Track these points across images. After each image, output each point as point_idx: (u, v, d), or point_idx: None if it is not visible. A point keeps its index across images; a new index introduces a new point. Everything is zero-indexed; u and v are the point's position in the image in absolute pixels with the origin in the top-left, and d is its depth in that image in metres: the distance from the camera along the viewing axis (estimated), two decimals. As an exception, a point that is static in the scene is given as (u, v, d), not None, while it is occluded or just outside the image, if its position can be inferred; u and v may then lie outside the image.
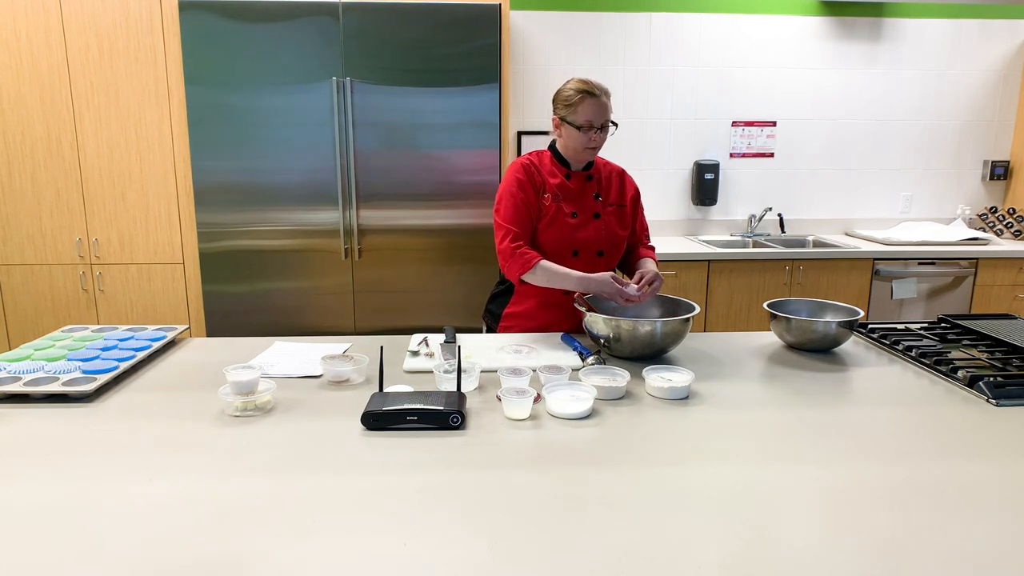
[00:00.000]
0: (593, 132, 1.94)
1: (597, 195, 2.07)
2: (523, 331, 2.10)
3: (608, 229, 2.06)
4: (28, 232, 3.38)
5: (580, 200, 2.05)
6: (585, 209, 2.05)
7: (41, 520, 1.00)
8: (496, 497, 1.07)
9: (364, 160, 3.25)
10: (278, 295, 3.37)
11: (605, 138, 1.98)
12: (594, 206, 2.06)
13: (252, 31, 3.11)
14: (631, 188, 2.15)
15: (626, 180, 2.15)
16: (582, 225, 2.04)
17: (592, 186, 2.07)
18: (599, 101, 1.92)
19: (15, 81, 3.24)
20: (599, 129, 1.95)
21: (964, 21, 4.02)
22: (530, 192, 2.01)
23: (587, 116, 1.92)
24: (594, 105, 1.92)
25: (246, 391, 1.42)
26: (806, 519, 1.01)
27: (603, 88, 1.95)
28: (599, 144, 1.98)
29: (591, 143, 1.96)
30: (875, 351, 1.88)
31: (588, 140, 1.95)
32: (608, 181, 2.11)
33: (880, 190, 4.20)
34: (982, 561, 0.90)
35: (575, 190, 2.05)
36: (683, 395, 1.51)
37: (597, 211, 2.06)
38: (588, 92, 1.92)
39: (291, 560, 0.90)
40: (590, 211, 2.05)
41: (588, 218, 2.05)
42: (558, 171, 2.05)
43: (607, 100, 1.95)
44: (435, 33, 3.15)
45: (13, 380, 1.53)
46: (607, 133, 1.98)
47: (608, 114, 1.95)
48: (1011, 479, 1.14)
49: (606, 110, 1.94)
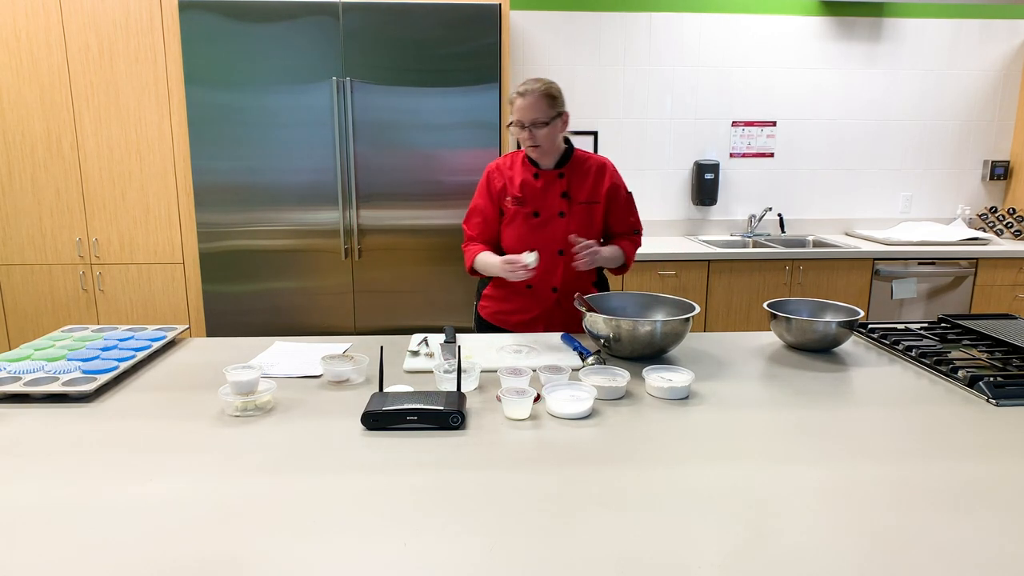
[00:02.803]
0: (528, 130, 1.96)
1: (564, 193, 2.06)
2: (497, 312, 2.22)
3: (573, 227, 2.07)
4: (28, 232, 3.38)
5: (545, 199, 2.07)
6: (550, 208, 2.07)
7: (41, 520, 1.00)
8: (496, 497, 1.07)
9: (364, 160, 3.25)
10: (278, 295, 3.37)
11: (545, 135, 1.98)
12: (559, 205, 2.07)
13: (252, 31, 3.11)
14: (608, 182, 2.10)
15: (604, 174, 2.10)
16: (543, 224, 2.08)
17: (562, 184, 2.07)
18: (525, 100, 1.94)
19: (15, 81, 3.24)
20: (532, 127, 1.95)
21: (964, 21, 4.02)
22: (486, 198, 2.13)
23: (517, 115, 1.97)
24: (520, 104, 1.95)
25: (246, 391, 1.42)
26: (806, 519, 1.01)
27: (538, 88, 1.94)
28: (537, 142, 1.98)
29: (528, 141, 1.98)
30: (875, 351, 1.88)
31: (525, 138, 1.98)
32: (583, 178, 2.09)
33: (880, 190, 4.20)
34: (982, 561, 0.90)
35: (541, 189, 2.07)
36: (683, 395, 1.51)
37: (563, 210, 2.07)
38: (518, 92, 1.96)
39: (291, 560, 0.90)
40: (555, 210, 2.07)
41: (552, 217, 2.07)
42: (528, 170, 2.09)
43: (537, 99, 1.94)
44: (435, 33, 3.15)
45: (13, 380, 1.53)
46: (547, 130, 1.97)
47: (535, 112, 1.94)
48: (1011, 479, 1.14)
49: (532, 109, 1.94)
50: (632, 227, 2.20)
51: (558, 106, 1.99)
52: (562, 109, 2.01)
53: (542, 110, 1.95)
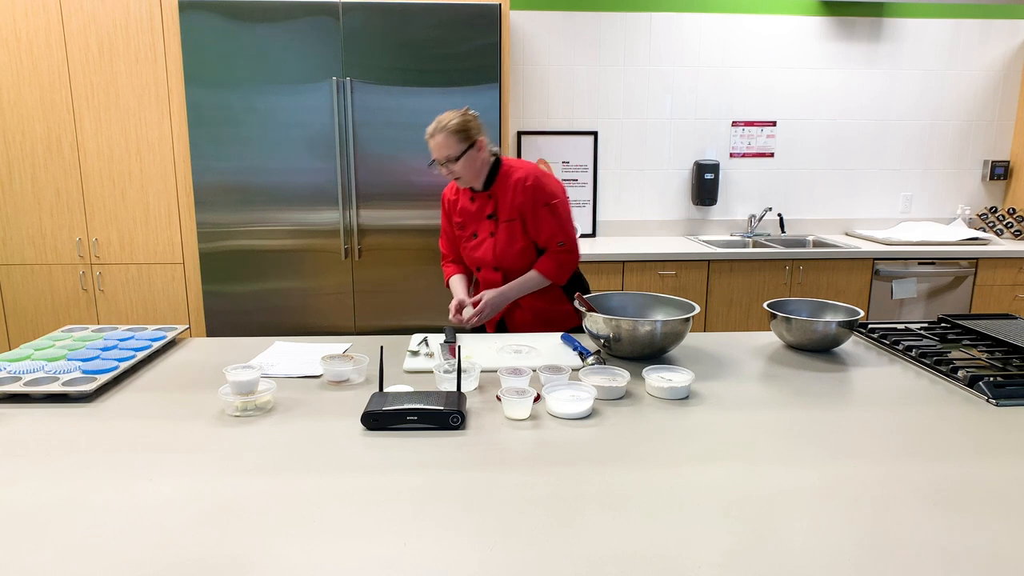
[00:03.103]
0: (443, 167, 2.06)
1: (491, 215, 2.14)
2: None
3: (499, 246, 2.14)
4: (28, 232, 3.38)
5: (478, 220, 2.18)
6: (483, 229, 2.17)
7: (41, 520, 1.00)
8: (496, 497, 1.07)
9: (364, 160, 3.25)
10: (278, 295, 3.37)
11: (461, 168, 2.04)
12: (489, 225, 2.15)
13: (252, 31, 3.11)
14: (520, 198, 2.07)
15: (519, 189, 2.07)
16: (479, 244, 2.18)
17: (490, 205, 2.14)
18: (435, 140, 2.03)
19: (15, 81, 3.24)
20: (447, 163, 2.04)
21: (964, 21, 4.02)
22: (445, 220, 2.29)
23: (433, 155, 2.07)
24: (432, 145, 2.05)
25: (246, 391, 1.42)
26: (805, 519, 1.01)
27: (445, 125, 2.01)
28: (458, 174, 2.06)
29: (447, 176, 2.08)
30: (875, 351, 1.88)
31: (446, 173, 2.07)
32: (506, 194, 2.10)
33: (880, 190, 4.20)
34: (982, 561, 0.90)
35: (476, 210, 2.17)
36: (683, 395, 1.51)
37: (492, 230, 2.15)
38: (428, 134, 2.04)
39: (291, 560, 0.90)
40: (487, 231, 2.16)
41: (485, 237, 2.17)
42: (466, 194, 2.20)
43: (446, 136, 2.00)
44: (435, 33, 3.15)
45: (13, 380, 1.53)
46: (461, 163, 2.03)
47: (445, 151, 2.01)
48: (1011, 479, 1.14)
49: (443, 147, 2.01)
50: (556, 240, 2.12)
51: (469, 137, 2.03)
52: (474, 138, 2.04)
53: (452, 146, 2.01)
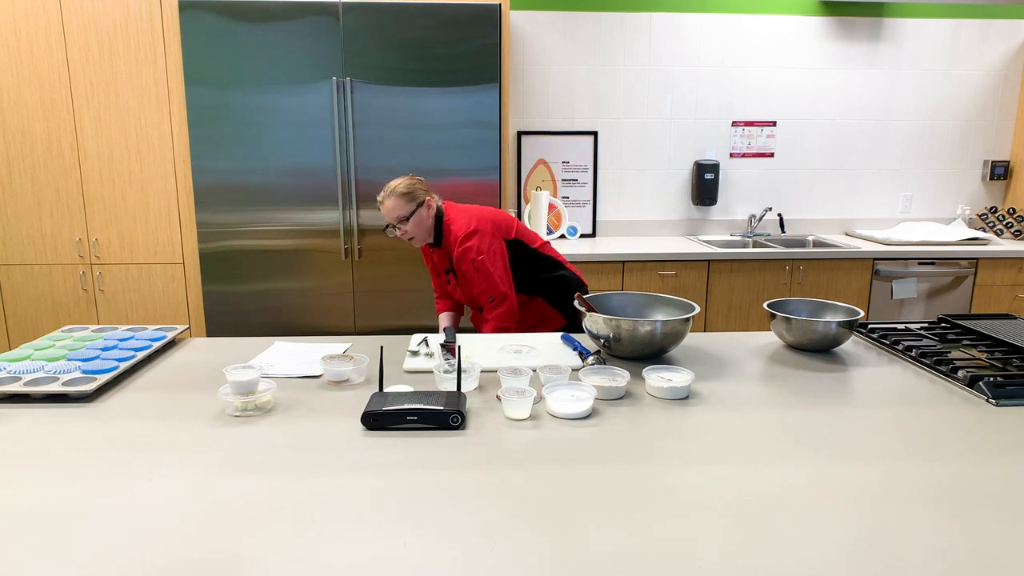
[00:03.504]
0: (396, 229, 2.21)
1: (448, 269, 2.35)
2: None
3: (463, 292, 2.34)
4: (28, 232, 3.38)
5: (442, 271, 2.40)
6: (449, 277, 2.37)
7: (41, 520, 1.00)
8: (496, 497, 1.07)
9: (364, 160, 3.25)
10: (278, 295, 3.37)
11: (412, 227, 2.20)
12: (450, 276, 2.36)
13: (252, 31, 3.11)
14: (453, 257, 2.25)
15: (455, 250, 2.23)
16: (454, 290, 2.38)
17: (445, 259, 2.34)
18: (385, 206, 2.19)
19: (15, 81, 3.24)
20: (399, 225, 2.20)
21: (964, 21, 4.02)
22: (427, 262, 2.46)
23: (385, 219, 2.23)
24: (383, 211, 2.21)
25: (246, 391, 1.42)
26: (806, 519, 1.01)
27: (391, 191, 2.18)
28: (408, 236, 2.22)
29: (401, 237, 2.24)
30: (875, 351, 1.88)
31: (399, 235, 2.23)
32: (447, 251, 2.29)
33: (880, 190, 4.20)
34: (982, 561, 0.90)
35: (438, 262, 2.39)
36: (683, 395, 1.51)
37: (450, 279, 2.36)
38: (379, 201, 2.20)
39: (291, 560, 0.90)
40: (451, 279, 2.36)
41: (455, 284, 2.36)
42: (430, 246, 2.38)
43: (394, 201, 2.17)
44: (435, 33, 3.15)
45: (13, 380, 1.53)
46: (411, 223, 2.20)
47: (395, 212, 2.18)
48: (1011, 479, 1.14)
49: (393, 210, 2.18)
50: (488, 296, 2.25)
51: (416, 199, 2.19)
52: (422, 199, 2.21)
53: (400, 207, 2.18)
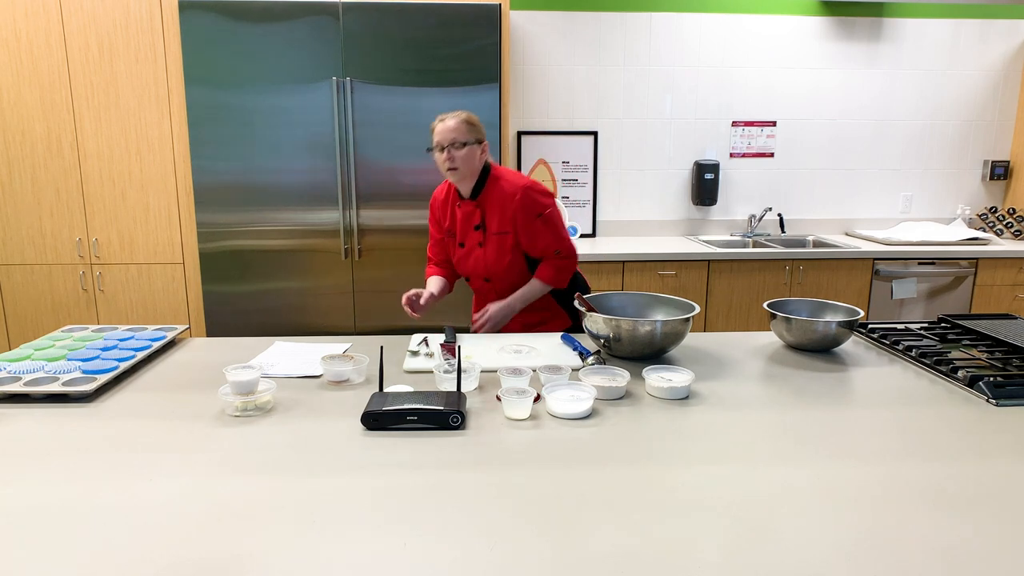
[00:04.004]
0: (447, 151, 2.06)
1: (477, 226, 2.15)
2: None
3: (489, 258, 2.16)
4: (28, 232, 3.38)
5: (465, 230, 2.19)
6: (470, 239, 2.18)
7: (41, 520, 1.00)
8: (496, 497, 1.07)
9: (364, 160, 3.25)
10: (278, 295, 3.37)
11: (463, 157, 2.05)
12: (477, 236, 2.17)
13: (252, 31, 3.11)
14: (511, 212, 2.08)
15: (511, 204, 2.08)
16: (467, 254, 2.20)
17: (477, 216, 2.15)
18: (445, 123, 2.06)
19: (15, 81, 3.24)
20: (451, 147, 2.05)
21: (964, 21, 4.02)
22: (434, 225, 2.30)
23: (437, 138, 2.07)
24: (441, 128, 2.07)
25: (246, 391, 1.42)
26: (805, 519, 1.01)
27: (456, 114, 2.07)
28: (455, 164, 2.06)
29: (447, 163, 2.06)
30: (875, 351, 1.88)
31: (444, 159, 2.06)
32: (495, 207, 2.11)
33: (880, 190, 4.20)
34: (982, 561, 0.90)
35: (463, 219, 2.18)
36: (683, 395, 1.51)
37: (480, 240, 2.17)
38: (439, 118, 2.08)
39: (291, 560, 0.90)
40: (475, 241, 2.18)
41: (473, 247, 2.18)
42: (454, 201, 2.20)
43: (458, 123, 2.05)
44: (435, 33, 3.15)
45: (13, 380, 1.53)
46: (465, 152, 2.05)
47: (454, 134, 2.04)
48: (1011, 479, 1.14)
49: (452, 130, 2.04)
50: (553, 249, 2.14)
51: (478, 132, 2.08)
52: (482, 138, 2.10)
53: (462, 132, 2.05)
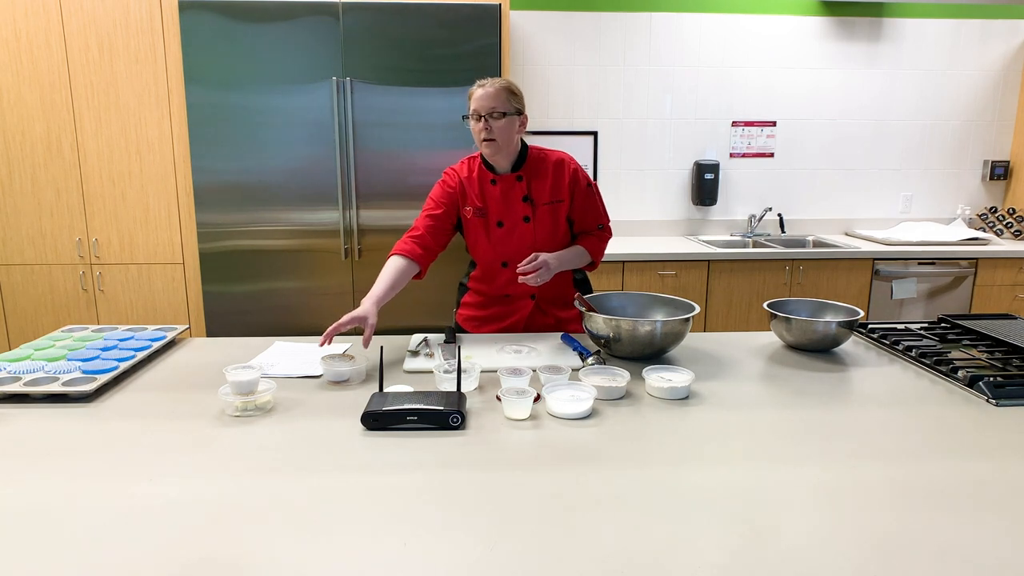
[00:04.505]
0: (482, 121, 1.91)
1: (526, 197, 2.00)
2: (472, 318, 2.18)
3: (541, 231, 2.01)
4: (28, 232, 3.38)
5: (507, 205, 2.01)
6: (513, 215, 2.01)
7: (41, 520, 1.00)
8: (496, 497, 1.07)
9: (364, 160, 3.25)
10: (278, 295, 3.37)
11: (502, 127, 1.92)
12: (523, 209, 2.00)
13: (252, 31, 3.11)
14: (569, 177, 2.01)
15: (565, 170, 2.01)
16: (509, 233, 2.02)
17: (521, 187, 2.00)
18: (485, 90, 1.91)
19: (15, 81, 3.23)
20: (489, 117, 1.91)
21: (964, 21, 4.02)
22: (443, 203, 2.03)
23: (473, 105, 1.92)
24: (480, 94, 1.91)
25: (246, 391, 1.42)
26: (806, 519, 1.01)
27: (496, 81, 1.93)
28: (491, 134, 1.92)
29: (483, 133, 1.92)
30: (875, 351, 1.88)
31: (480, 129, 1.92)
32: (542, 178, 2.01)
33: (880, 190, 4.20)
34: (982, 561, 0.90)
35: (501, 195, 2.00)
36: (683, 395, 1.51)
37: (527, 214, 2.00)
38: (479, 84, 1.93)
39: (291, 560, 0.90)
40: (519, 216, 2.01)
41: (516, 224, 2.01)
42: (485, 177, 2.02)
43: (498, 90, 1.91)
44: (435, 33, 3.15)
45: (13, 380, 1.53)
46: (504, 122, 1.91)
47: (494, 102, 1.90)
48: (1011, 479, 1.14)
49: (491, 98, 1.90)
50: (597, 223, 2.08)
51: (518, 103, 1.95)
52: (522, 108, 1.96)
53: (502, 101, 1.90)
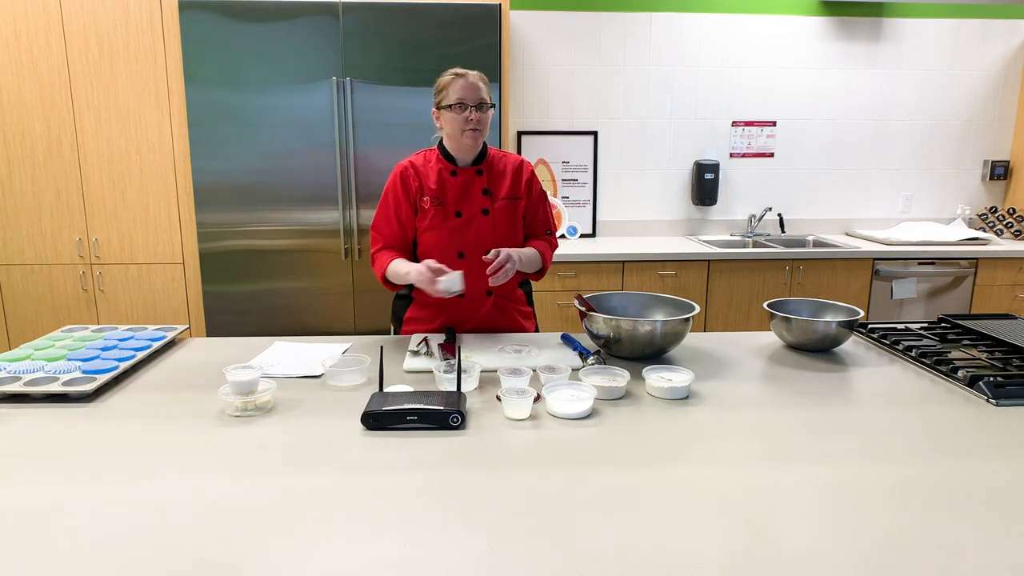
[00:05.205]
0: (469, 111, 1.89)
1: (486, 190, 1.99)
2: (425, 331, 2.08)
3: (498, 225, 2.00)
4: (28, 232, 3.38)
5: (466, 197, 1.99)
6: (471, 206, 1.99)
7: (41, 520, 1.00)
8: (496, 497, 1.07)
9: (364, 160, 3.25)
10: (278, 295, 3.37)
11: (486, 120, 1.92)
12: (483, 202, 2.00)
13: (252, 31, 3.11)
14: (527, 178, 2.05)
15: (524, 171, 2.05)
16: (467, 224, 1.99)
17: (481, 181, 2.00)
18: (469, 81, 1.88)
19: (15, 81, 3.24)
20: (474, 108, 1.89)
21: (964, 21, 4.02)
22: (402, 198, 1.99)
23: (458, 95, 1.88)
24: (465, 84, 1.88)
25: (246, 391, 1.42)
26: (806, 519, 1.01)
27: (474, 72, 1.92)
28: (479, 125, 1.91)
29: (468, 123, 1.89)
30: (875, 351, 1.88)
31: (465, 120, 1.89)
32: (502, 174, 2.03)
33: (880, 190, 4.20)
34: (982, 561, 0.90)
35: (461, 186, 1.99)
36: (683, 395, 1.51)
37: (486, 207, 1.99)
38: (458, 74, 1.90)
39: (291, 560, 0.90)
40: (478, 208, 1.99)
41: (475, 215, 1.99)
42: (444, 168, 2.00)
43: (481, 80, 1.91)
44: (435, 33, 3.15)
45: (13, 380, 1.53)
46: (487, 114, 1.92)
47: (482, 93, 1.90)
48: (1011, 479, 1.14)
49: (478, 90, 1.89)
50: (546, 227, 2.13)
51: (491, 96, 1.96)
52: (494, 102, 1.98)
53: (486, 92, 1.91)
